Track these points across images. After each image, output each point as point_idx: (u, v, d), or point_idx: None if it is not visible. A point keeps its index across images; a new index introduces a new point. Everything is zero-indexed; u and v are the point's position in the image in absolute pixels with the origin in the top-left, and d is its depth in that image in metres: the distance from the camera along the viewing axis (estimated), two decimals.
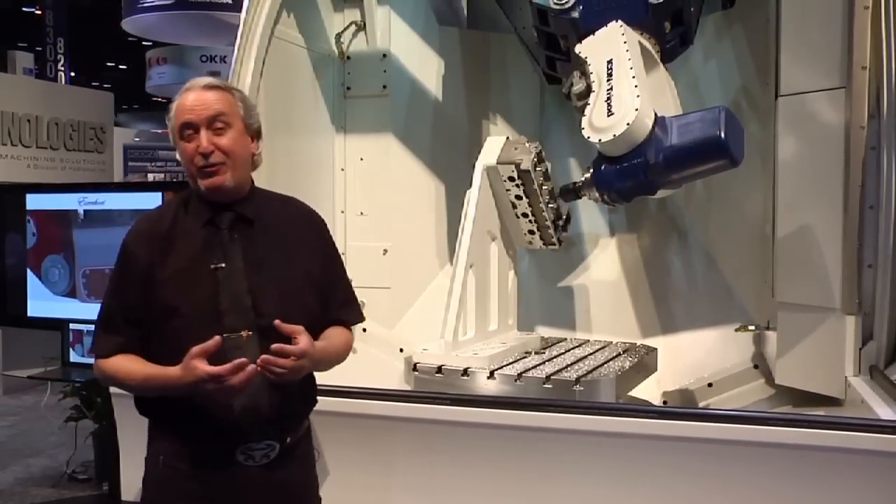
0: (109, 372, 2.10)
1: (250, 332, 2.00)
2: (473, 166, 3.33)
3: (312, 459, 2.26)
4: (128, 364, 2.06)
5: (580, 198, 3.18)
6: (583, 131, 2.85)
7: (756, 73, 3.75)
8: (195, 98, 2.06)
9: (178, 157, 2.14)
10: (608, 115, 2.78)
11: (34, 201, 4.65)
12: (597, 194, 3.00)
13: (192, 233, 2.09)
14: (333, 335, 2.20)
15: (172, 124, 2.09)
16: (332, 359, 2.17)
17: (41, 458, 5.58)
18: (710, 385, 3.66)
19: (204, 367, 1.90)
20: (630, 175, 2.83)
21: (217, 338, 1.93)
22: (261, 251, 2.10)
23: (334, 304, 2.23)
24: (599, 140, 2.79)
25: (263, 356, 1.93)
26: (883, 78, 2.85)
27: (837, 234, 2.96)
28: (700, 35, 3.50)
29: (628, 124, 2.72)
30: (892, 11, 2.86)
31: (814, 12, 3.12)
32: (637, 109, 2.72)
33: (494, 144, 3.36)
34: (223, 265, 2.04)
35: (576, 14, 3.10)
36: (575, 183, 3.16)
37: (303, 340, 1.97)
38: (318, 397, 2.25)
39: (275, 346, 1.94)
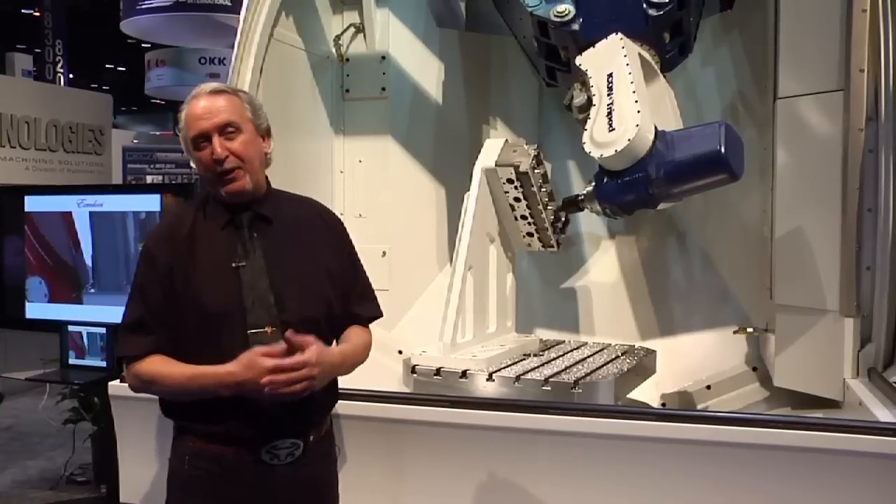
0: (147, 375, 2.08)
1: (274, 328, 2.04)
2: (472, 168, 3.34)
3: (334, 457, 2.28)
4: (167, 365, 2.06)
5: (582, 210, 3.23)
6: (584, 146, 2.89)
7: (753, 79, 3.76)
8: (204, 106, 2.09)
9: (192, 165, 2.17)
10: (609, 131, 2.80)
11: (33, 203, 4.65)
12: (598, 207, 3.05)
13: (213, 234, 2.12)
14: (352, 337, 2.23)
15: (185, 135, 2.12)
16: (352, 362, 2.20)
17: (39, 460, 5.57)
18: (708, 387, 3.66)
19: (268, 360, 1.91)
20: (631, 189, 2.86)
21: (283, 343, 1.94)
22: (280, 248, 2.13)
23: (352, 299, 2.26)
24: (601, 155, 2.83)
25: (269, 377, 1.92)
26: (881, 81, 2.86)
27: (836, 236, 2.97)
28: (698, 41, 3.51)
29: (629, 140, 2.75)
30: (889, 14, 2.86)
31: (812, 15, 3.13)
32: (638, 125, 2.75)
33: (493, 146, 3.36)
34: (244, 263, 2.07)
35: (576, 26, 3.13)
36: (577, 195, 3.21)
37: (311, 351, 1.97)
38: None
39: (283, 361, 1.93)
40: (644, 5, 3.05)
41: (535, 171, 3.27)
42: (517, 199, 3.33)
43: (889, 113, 2.84)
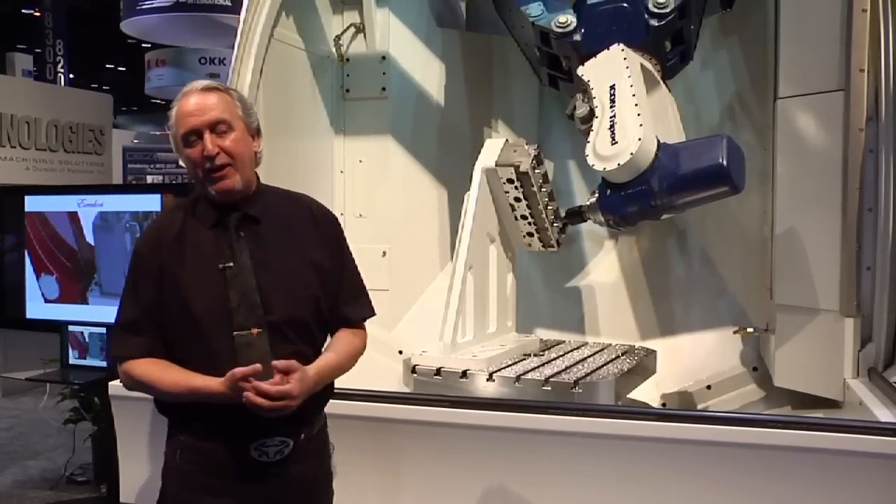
0: (140, 378, 2.09)
1: (260, 330, 2.03)
2: (472, 168, 3.34)
3: (327, 454, 2.27)
4: (161, 371, 2.06)
5: (585, 221, 3.26)
6: (587, 158, 2.92)
7: (751, 81, 3.77)
8: (195, 103, 2.07)
9: (181, 163, 2.14)
10: (612, 144, 2.83)
11: (33, 203, 4.66)
12: (602, 218, 3.08)
13: (201, 235, 2.11)
14: (337, 345, 2.20)
15: (175, 132, 2.09)
16: (338, 372, 2.19)
17: (39, 460, 5.57)
18: (708, 387, 3.66)
19: (252, 385, 1.92)
20: (634, 201, 2.89)
21: (257, 365, 1.94)
22: (268, 248, 2.12)
23: (340, 299, 2.24)
24: (604, 168, 2.86)
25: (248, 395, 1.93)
26: (881, 81, 2.86)
27: (836, 236, 2.97)
28: (697, 44, 3.51)
29: (632, 153, 2.77)
30: (890, 14, 2.87)
31: (812, 15, 3.13)
32: (640, 139, 2.77)
33: (493, 146, 3.36)
34: (231, 264, 2.07)
35: (577, 37, 3.16)
36: (580, 206, 3.25)
37: (294, 383, 1.97)
38: None
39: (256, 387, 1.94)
40: (645, 16, 3.07)
41: (536, 170, 3.28)
42: (517, 199, 3.33)
43: (889, 113, 2.85)
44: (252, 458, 2.06)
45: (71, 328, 4.38)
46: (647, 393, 3.49)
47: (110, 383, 2.93)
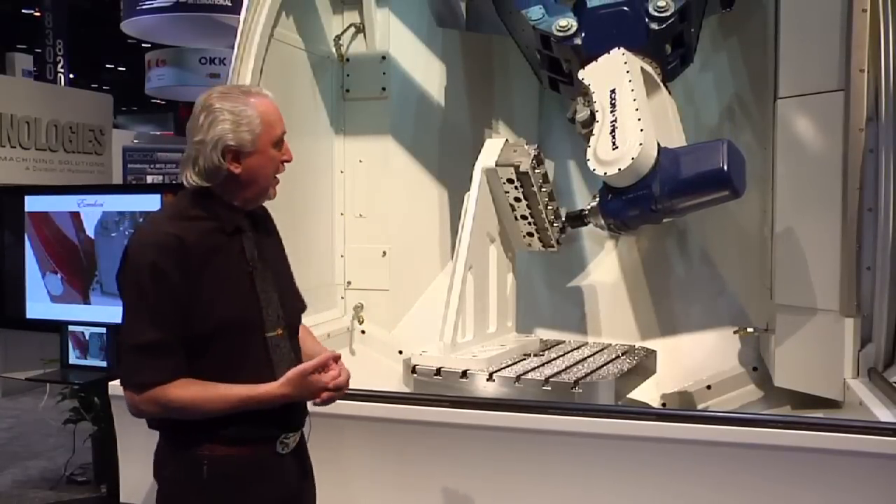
0: (181, 400, 1.97)
1: (282, 330, 2.08)
2: (473, 168, 3.34)
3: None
4: (206, 389, 1.97)
5: (587, 225, 3.26)
6: (588, 163, 2.93)
7: (751, 82, 3.77)
8: (277, 109, 2.14)
9: (242, 163, 2.04)
10: (613, 149, 2.84)
11: (33, 203, 4.66)
12: (603, 222, 3.09)
13: (217, 241, 2.07)
14: (312, 340, 2.30)
15: (263, 131, 2.05)
16: None
17: (39, 460, 5.57)
18: (708, 387, 3.67)
19: (322, 378, 1.97)
20: (635, 205, 2.91)
21: (327, 355, 2.00)
22: (269, 250, 2.17)
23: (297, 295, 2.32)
24: (605, 173, 2.86)
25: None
26: (881, 81, 2.86)
27: (836, 236, 2.97)
28: (697, 46, 3.51)
29: (633, 158, 2.78)
30: (890, 14, 2.87)
31: (812, 15, 3.13)
32: (641, 144, 2.78)
33: (493, 146, 3.36)
34: (257, 268, 2.09)
35: (578, 41, 3.16)
36: (581, 210, 3.25)
37: (344, 366, 2.05)
38: None
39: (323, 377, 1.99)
40: (646, 19, 3.07)
41: (536, 170, 3.28)
42: (517, 199, 3.34)
43: (889, 113, 2.85)
44: (277, 452, 2.08)
45: (71, 328, 4.38)
46: (647, 393, 3.49)
47: (110, 383, 2.92)
